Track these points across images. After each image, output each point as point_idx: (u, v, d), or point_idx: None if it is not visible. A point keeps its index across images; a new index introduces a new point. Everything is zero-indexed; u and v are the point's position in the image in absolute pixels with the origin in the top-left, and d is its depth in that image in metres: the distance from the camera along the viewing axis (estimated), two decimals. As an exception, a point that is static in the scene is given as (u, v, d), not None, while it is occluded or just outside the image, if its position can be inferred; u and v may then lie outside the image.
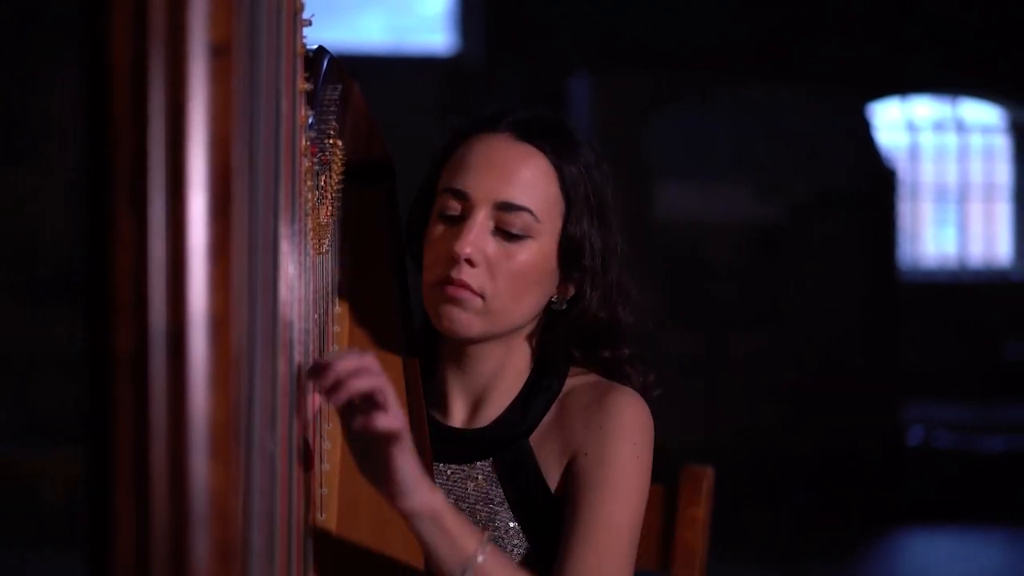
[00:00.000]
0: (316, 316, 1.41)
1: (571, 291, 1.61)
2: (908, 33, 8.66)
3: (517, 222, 1.54)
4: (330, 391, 1.27)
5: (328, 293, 1.55)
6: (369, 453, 1.32)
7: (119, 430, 0.78)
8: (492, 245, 1.53)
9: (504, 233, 1.54)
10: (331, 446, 1.50)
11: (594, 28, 8.22)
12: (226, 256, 0.80)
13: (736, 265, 7.32)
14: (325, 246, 1.48)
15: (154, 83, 0.79)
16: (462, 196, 1.54)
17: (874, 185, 7.50)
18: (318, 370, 1.27)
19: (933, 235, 9.73)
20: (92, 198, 0.80)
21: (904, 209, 9.11)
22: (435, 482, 1.54)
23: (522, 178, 1.55)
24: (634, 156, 7.11)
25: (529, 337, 1.62)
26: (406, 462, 1.30)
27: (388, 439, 1.29)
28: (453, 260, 1.52)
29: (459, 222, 1.54)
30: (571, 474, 1.54)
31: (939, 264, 9.59)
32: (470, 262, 1.51)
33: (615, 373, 1.62)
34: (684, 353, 7.08)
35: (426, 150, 1.70)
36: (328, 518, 1.46)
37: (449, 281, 1.52)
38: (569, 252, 1.58)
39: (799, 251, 7.37)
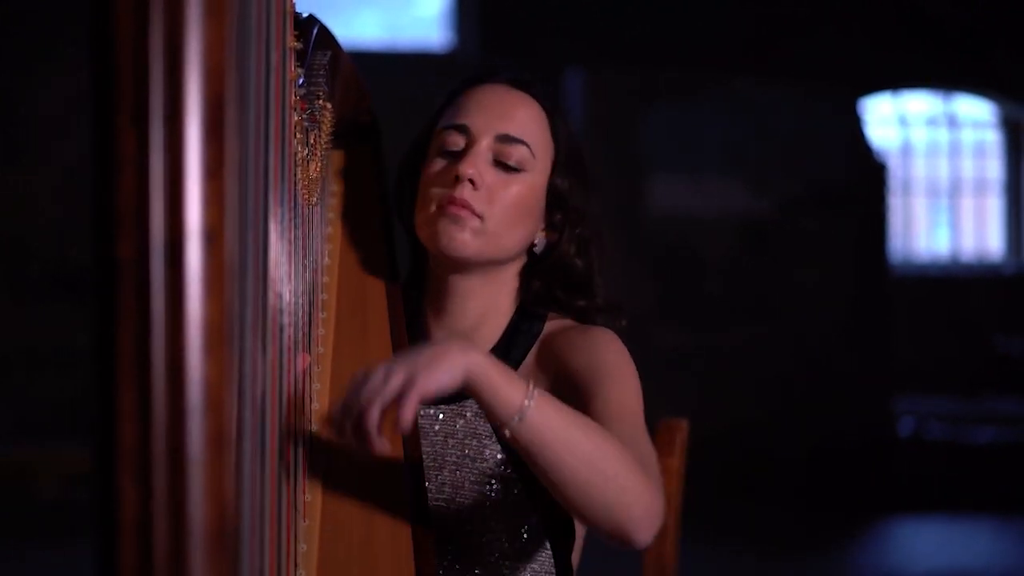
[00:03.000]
0: (305, 262, 1.50)
1: (552, 237, 1.70)
2: (898, 30, 8.72)
3: (515, 154, 1.64)
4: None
5: (317, 243, 1.63)
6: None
7: (123, 330, 0.85)
8: (491, 173, 1.63)
9: (503, 164, 1.64)
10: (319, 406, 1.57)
11: (587, 25, 8.29)
12: (219, 175, 0.87)
13: (727, 260, 7.37)
14: (315, 199, 1.56)
15: (154, 18, 0.86)
16: (463, 130, 1.65)
17: (865, 180, 7.56)
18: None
19: (925, 230, 9.80)
20: (99, 121, 0.87)
21: (896, 204, 9.18)
22: (428, 415, 1.64)
23: (520, 116, 1.66)
24: (626, 151, 7.17)
25: (511, 279, 1.71)
26: (436, 372, 1.36)
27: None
28: (456, 181, 1.61)
29: (460, 156, 1.64)
30: (571, 385, 1.60)
31: (931, 259, 9.66)
32: (472, 183, 1.61)
33: (589, 321, 1.71)
34: (675, 347, 7.14)
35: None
36: (318, 430, 1.54)
37: (452, 201, 1.61)
38: (555, 197, 1.68)
39: (790, 246, 7.42)
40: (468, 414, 1.66)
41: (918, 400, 8.12)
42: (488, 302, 1.70)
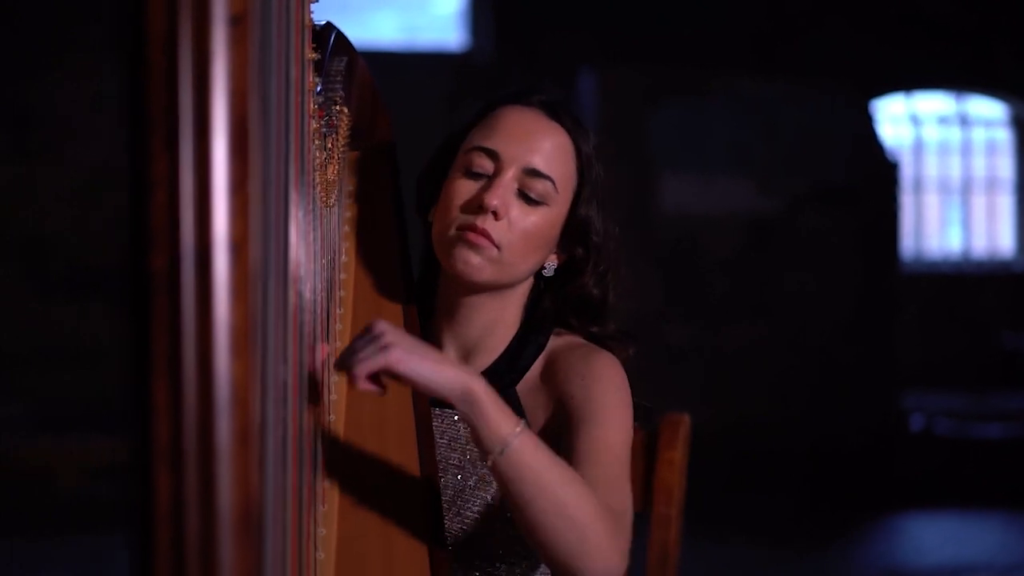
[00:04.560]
0: (324, 261, 1.57)
1: (561, 259, 1.76)
2: (907, 30, 8.76)
3: (539, 188, 1.69)
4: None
5: (335, 242, 1.71)
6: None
7: (156, 333, 0.93)
8: (515, 205, 1.69)
9: (526, 196, 1.69)
10: (337, 398, 1.65)
11: (598, 25, 8.35)
12: (244, 190, 0.95)
13: (735, 257, 7.42)
14: (332, 200, 1.64)
15: (183, 47, 0.93)
16: (494, 156, 1.70)
17: (875, 178, 7.60)
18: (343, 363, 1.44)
19: (937, 228, 9.83)
20: (133, 143, 0.95)
21: (908, 202, 9.23)
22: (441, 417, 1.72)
23: (549, 150, 1.71)
24: (636, 149, 7.23)
25: (520, 296, 1.77)
26: (432, 369, 1.45)
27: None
28: (480, 210, 1.67)
29: (485, 179, 1.70)
30: (562, 418, 1.67)
31: (942, 256, 9.70)
32: (496, 214, 1.67)
33: (599, 344, 1.78)
34: (683, 343, 7.20)
35: (437, 142, 1.86)
36: (336, 420, 1.62)
37: (472, 228, 1.67)
38: (577, 228, 1.74)
39: (798, 244, 7.47)
40: None
41: (927, 396, 8.17)
42: (496, 315, 1.76)
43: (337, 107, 1.65)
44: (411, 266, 1.83)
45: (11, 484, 6.73)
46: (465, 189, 1.71)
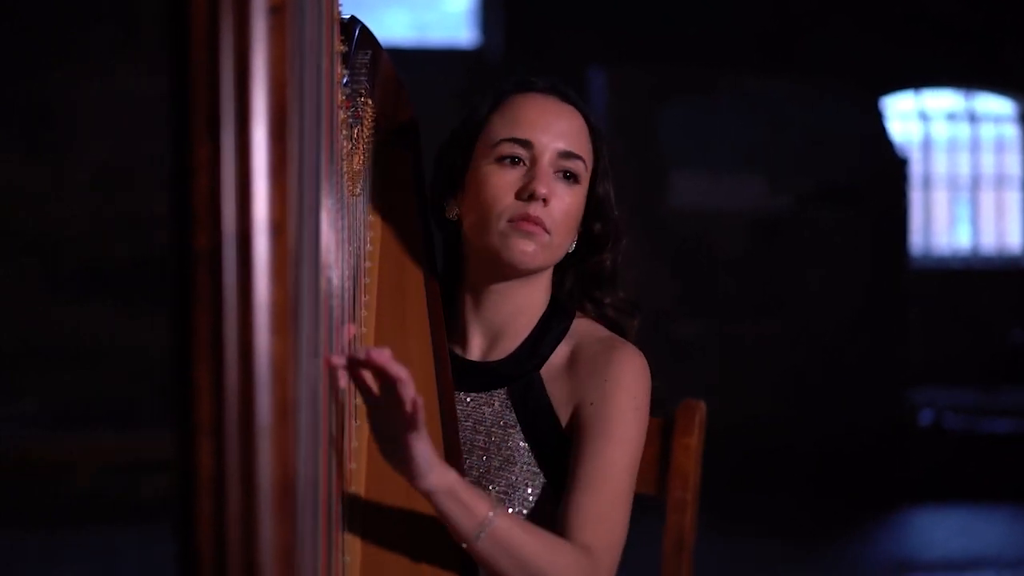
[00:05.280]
0: (351, 247, 1.61)
1: (579, 235, 1.81)
2: (914, 29, 8.77)
3: (573, 167, 1.76)
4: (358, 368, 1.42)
5: (361, 231, 1.74)
6: (390, 442, 1.47)
7: (199, 313, 0.96)
8: (555, 188, 1.74)
9: (563, 178, 1.75)
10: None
11: (608, 24, 8.38)
12: (283, 174, 0.99)
13: (745, 255, 7.44)
14: (358, 189, 1.68)
15: (224, 35, 0.96)
16: (526, 144, 1.74)
17: (884, 175, 7.61)
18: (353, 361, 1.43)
19: (946, 225, 9.85)
20: (177, 130, 0.98)
21: (917, 199, 9.24)
22: (457, 409, 1.75)
23: (573, 131, 1.77)
24: (645, 148, 7.25)
25: (547, 278, 1.82)
26: (423, 448, 1.46)
27: (407, 428, 1.44)
28: (531, 198, 1.71)
29: (520, 167, 1.74)
30: (578, 420, 1.72)
31: (951, 253, 9.72)
32: (545, 201, 1.72)
33: (609, 316, 1.83)
34: (691, 339, 7.22)
35: (441, 137, 1.91)
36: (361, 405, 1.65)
37: (525, 217, 1.71)
38: (596, 204, 1.80)
39: (808, 240, 7.48)
40: (496, 403, 1.77)
41: (936, 392, 8.19)
42: (524, 300, 1.80)
43: (362, 99, 1.69)
44: (435, 254, 1.86)
45: (28, 479, 6.77)
46: (506, 179, 1.75)
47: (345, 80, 1.62)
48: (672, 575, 1.95)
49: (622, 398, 1.71)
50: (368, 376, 1.42)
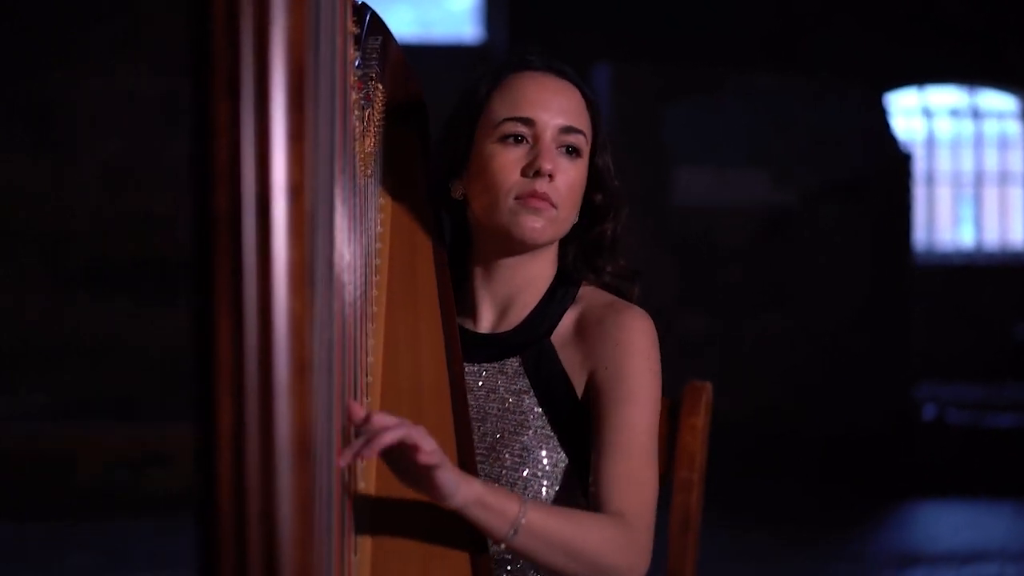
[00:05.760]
0: (363, 227, 1.64)
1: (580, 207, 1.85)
2: (917, 26, 8.79)
3: (575, 141, 1.80)
4: (366, 446, 1.45)
5: (372, 212, 1.77)
6: (413, 478, 1.52)
7: (219, 272, 0.98)
8: (559, 163, 1.78)
9: (565, 153, 1.79)
10: (373, 358, 1.72)
11: (613, 22, 8.41)
12: (301, 139, 1.01)
13: (749, 249, 7.46)
14: (369, 171, 1.71)
15: (245, 2, 0.99)
16: (528, 122, 1.79)
17: (888, 170, 7.64)
18: (355, 422, 1.46)
19: (950, 222, 9.87)
20: (197, 94, 1.01)
21: (920, 196, 9.26)
22: (471, 377, 1.79)
23: (572, 106, 1.82)
24: (651, 144, 7.28)
25: (554, 250, 1.86)
26: (445, 476, 1.50)
27: (428, 469, 1.48)
28: (537, 175, 1.76)
29: (524, 145, 1.78)
30: (593, 387, 1.76)
31: (955, 249, 9.74)
32: (551, 177, 1.76)
33: (613, 282, 1.87)
34: (698, 333, 7.24)
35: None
36: (374, 382, 1.68)
37: (533, 194, 1.76)
38: (597, 176, 1.84)
39: (812, 236, 7.51)
40: (509, 371, 1.81)
41: (939, 387, 8.22)
42: (532, 273, 1.84)
43: (373, 82, 1.72)
44: (444, 235, 1.89)
45: (34, 471, 6.81)
46: (510, 157, 1.79)
47: (357, 62, 1.65)
48: (678, 554, 1.98)
49: (635, 360, 1.75)
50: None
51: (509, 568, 1.76)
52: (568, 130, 1.80)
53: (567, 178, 1.78)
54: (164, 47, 7.79)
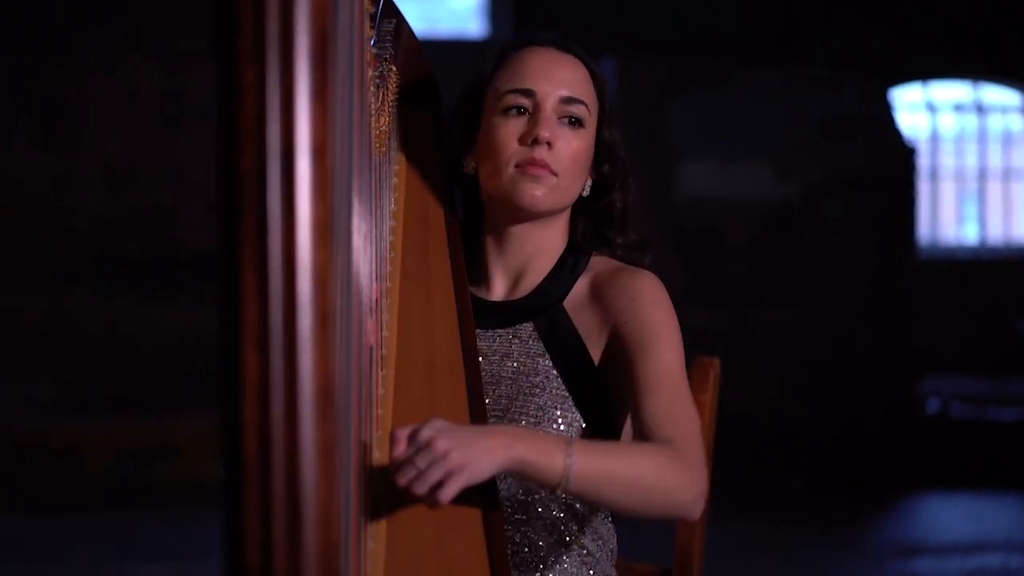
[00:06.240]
0: (378, 204, 1.67)
1: (592, 179, 1.90)
2: (921, 21, 8.81)
3: (577, 112, 1.84)
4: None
5: (386, 189, 1.80)
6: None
7: (245, 226, 1.01)
8: (559, 132, 1.82)
9: (566, 123, 1.83)
10: (388, 315, 1.75)
11: (618, 16, 8.43)
12: (324, 98, 1.03)
13: (755, 242, 7.48)
14: (384, 149, 1.74)
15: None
16: (529, 94, 1.83)
17: (892, 164, 7.66)
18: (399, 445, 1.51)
19: (953, 217, 9.89)
20: (223, 55, 1.03)
21: (924, 191, 9.29)
22: (484, 342, 1.83)
23: (574, 79, 1.86)
24: (656, 138, 7.30)
25: (563, 219, 1.90)
26: (480, 465, 1.51)
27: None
28: (535, 143, 1.80)
29: (525, 116, 1.83)
30: (617, 341, 1.79)
31: (959, 243, 9.76)
32: (549, 144, 1.80)
33: (625, 256, 1.90)
34: (703, 327, 7.26)
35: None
36: (388, 355, 1.72)
37: (531, 161, 1.80)
38: (603, 147, 1.88)
39: (818, 229, 7.53)
40: (523, 336, 1.85)
41: (943, 381, 8.24)
42: (542, 242, 1.88)
43: (387, 63, 1.76)
44: (457, 214, 1.93)
45: (42, 465, 6.84)
46: (511, 128, 1.83)
47: (372, 41, 1.68)
48: (687, 528, 2.01)
49: (654, 309, 1.79)
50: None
51: (523, 529, 1.80)
52: (569, 100, 1.84)
53: (568, 147, 1.82)
54: (167, 45, 7.83)
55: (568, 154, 1.82)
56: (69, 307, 7.80)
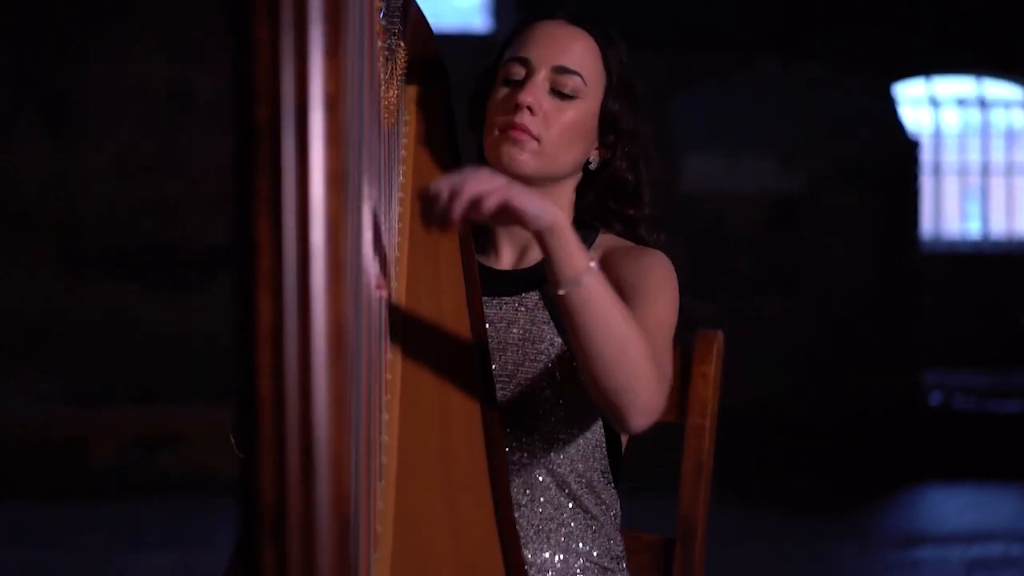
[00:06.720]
0: (387, 175, 1.69)
1: (604, 155, 1.91)
2: (926, 16, 8.83)
3: (569, 83, 1.85)
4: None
5: (395, 162, 1.83)
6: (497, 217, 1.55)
7: (260, 177, 1.03)
8: (548, 101, 1.85)
9: (558, 93, 1.85)
10: (397, 284, 1.78)
11: (621, 10, 8.45)
12: (337, 52, 1.06)
13: (759, 234, 7.51)
14: (393, 120, 1.76)
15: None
16: (525, 62, 1.86)
17: (896, 157, 7.68)
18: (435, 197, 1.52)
19: (957, 211, 9.92)
20: (238, 10, 1.06)
21: (928, 186, 9.31)
22: (490, 309, 1.85)
23: (574, 50, 1.88)
24: (660, 131, 7.31)
25: (568, 193, 1.92)
26: (527, 199, 1.53)
27: (505, 198, 1.53)
28: (516, 108, 1.82)
29: (521, 84, 1.85)
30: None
31: (962, 237, 9.78)
32: (531, 110, 1.82)
33: (635, 230, 1.91)
34: (708, 320, 7.29)
35: (462, 118, 2.01)
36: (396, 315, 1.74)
37: (512, 126, 1.82)
38: (606, 119, 1.89)
39: (822, 222, 7.55)
40: (529, 304, 1.88)
41: (946, 374, 8.27)
42: None
43: (395, 38, 1.78)
44: None
45: (49, 454, 6.88)
46: (503, 96, 1.87)
47: (382, 13, 1.70)
48: (691, 497, 2.03)
49: (656, 273, 1.82)
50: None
51: (528, 492, 1.82)
52: (561, 70, 1.85)
53: (557, 117, 1.84)
54: (174, 38, 7.86)
55: (558, 124, 1.84)
56: (76, 298, 7.82)
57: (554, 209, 1.56)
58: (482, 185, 1.51)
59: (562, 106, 1.85)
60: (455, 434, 1.62)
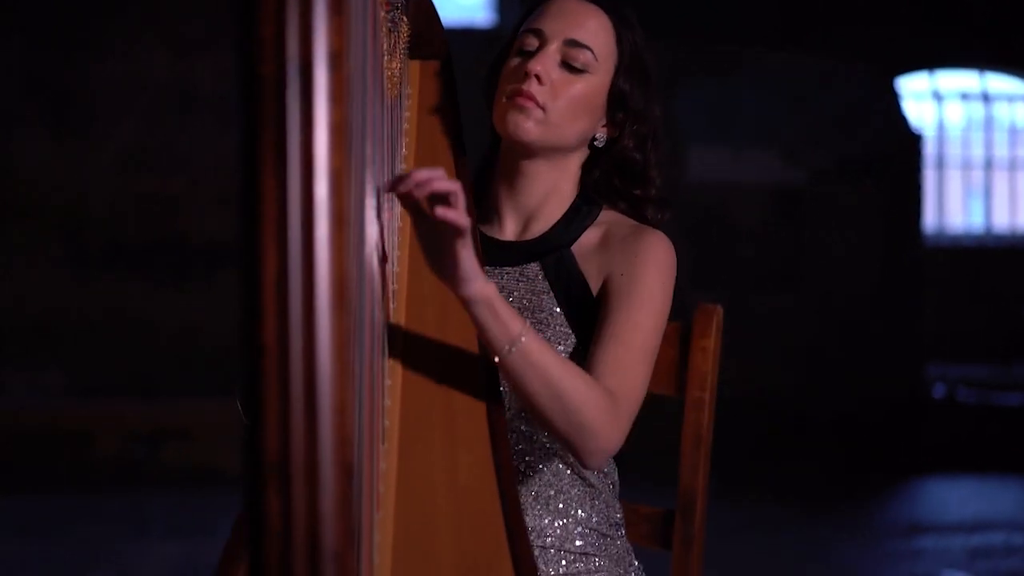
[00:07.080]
0: (390, 146, 1.71)
1: (612, 133, 1.93)
2: (930, 11, 8.84)
3: (580, 57, 1.87)
4: (413, 190, 1.51)
5: (398, 133, 1.85)
6: (437, 248, 1.58)
7: (265, 130, 1.05)
8: (557, 72, 1.87)
9: (568, 66, 1.87)
10: (400, 253, 1.80)
11: (625, 3, 8.46)
12: (341, 10, 1.09)
13: (762, 227, 7.52)
14: (396, 92, 1.78)
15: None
16: (539, 33, 1.89)
17: (899, 150, 7.69)
18: (400, 179, 1.53)
19: (960, 206, 9.93)
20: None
21: (931, 178, 9.32)
22: (491, 280, 1.86)
23: (588, 25, 1.90)
24: (664, 122, 7.34)
25: (574, 167, 1.94)
26: (468, 256, 1.57)
27: (454, 235, 1.54)
28: (525, 76, 1.85)
29: (533, 55, 1.88)
30: (606, 291, 1.84)
31: (965, 231, 9.80)
32: (539, 79, 1.84)
33: (641, 209, 1.93)
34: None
35: (467, 111, 2.04)
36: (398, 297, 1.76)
37: (519, 93, 1.85)
38: (616, 97, 1.91)
39: (825, 215, 7.56)
40: (530, 275, 1.90)
41: (949, 366, 8.28)
42: (552, 185, 1.92)
43: (399, 12, 1.80)
44: (466, 153, 1.97)
45: (54, 447, 6.91)
46: (514, 65, 1.90)
47: (383, -20, 1.72)
48: (690, 470, 2.05)
49: (651, 271, 1.83)
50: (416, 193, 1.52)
51: (527, 459, 1.85)
52: (573, 43, 1.87)
53: (565, 89, 1.86)
54: (178, 32, 7.88)
55: (565, 96, 1.86)
56: (80, 293, 7.85)
57: (482, 284, 1.59)
58: (446, 187, 1.52)
59: (571, 79, 1.87)
60: (456, 399, 1.64)
